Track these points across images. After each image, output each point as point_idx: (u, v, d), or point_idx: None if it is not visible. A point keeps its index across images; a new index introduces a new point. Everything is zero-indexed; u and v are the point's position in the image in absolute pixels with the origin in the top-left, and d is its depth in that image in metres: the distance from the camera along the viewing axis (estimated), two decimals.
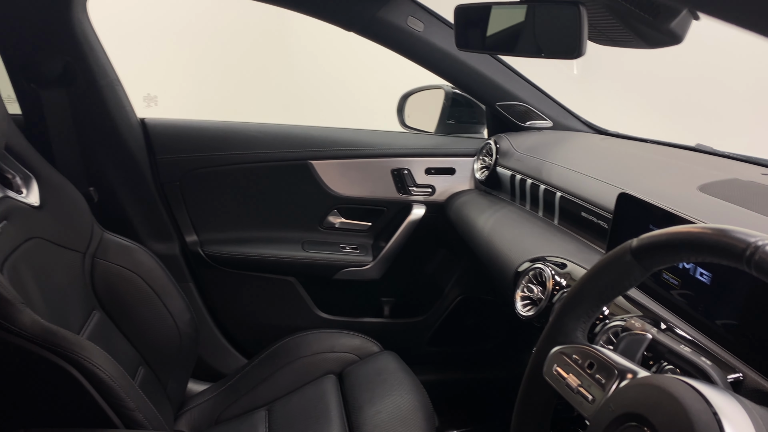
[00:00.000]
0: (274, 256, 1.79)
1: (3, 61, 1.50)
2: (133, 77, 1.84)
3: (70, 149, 1.59)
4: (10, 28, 1.48)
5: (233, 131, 1.80)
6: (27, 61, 1.52)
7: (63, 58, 1.52)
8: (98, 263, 1.45)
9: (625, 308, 0.88)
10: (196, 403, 1.57)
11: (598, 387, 0.62)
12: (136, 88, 1.93)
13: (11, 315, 1.04)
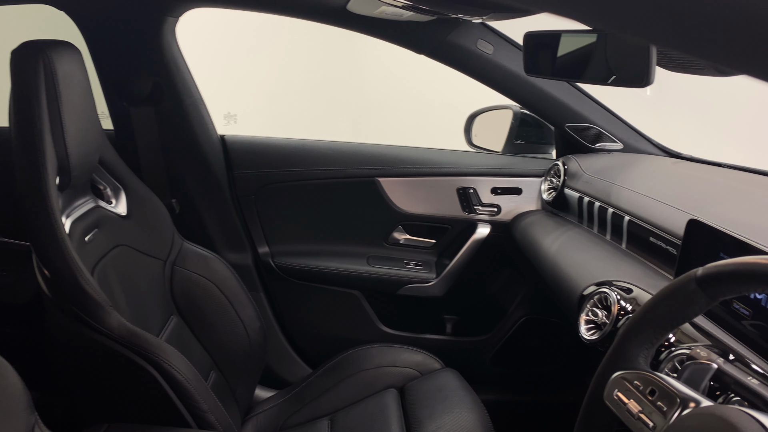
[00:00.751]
0: (341, 270, 1.84)
1: (99, 81, 1.63)
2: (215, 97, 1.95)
3: (156, 163, 1.70)
4: (106, 52, 1.60)
5: (305, 148, 1.87)
6: (120, 81, 1.64)
7: (152, 78, 1.63)
8: (177, 271, 1.54)
9: (693, 336, 0.87)
10: (262, 409, 1.63)
11: (659, 414, 0.62)
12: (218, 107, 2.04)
13: (100, 316, 1.12)
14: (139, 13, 1.55)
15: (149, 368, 1.12)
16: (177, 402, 1.13)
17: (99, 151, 1.36)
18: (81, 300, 1.11)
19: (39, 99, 1.13)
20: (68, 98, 1.19)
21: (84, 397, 1.27)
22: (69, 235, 1.17)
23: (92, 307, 1.12)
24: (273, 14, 1.58)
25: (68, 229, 1.20)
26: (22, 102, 1.14)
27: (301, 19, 1.56)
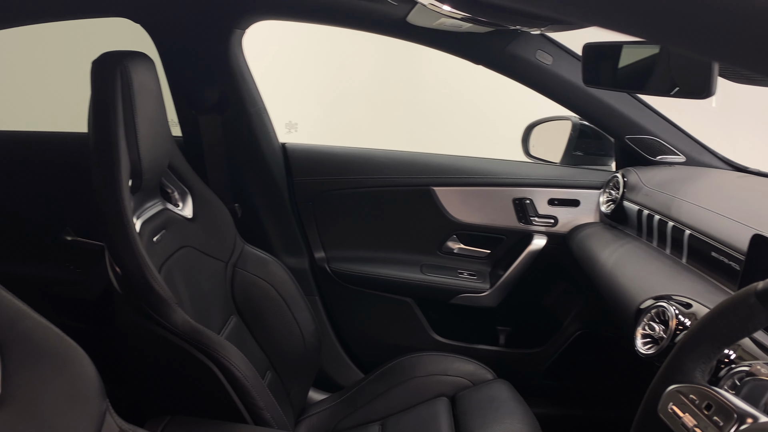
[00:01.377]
0: (394, 277, 1.86)
1: (170, 90, 1.71)
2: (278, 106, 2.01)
3: (221, 169, 1.77)
4: (177, 62, 1.68)
5: (362, 157, 1.91)
6: (189, 91, 1.72)
7: (219, 88, 1.70)
8: (238, 272, 1.59)
9: (754, 354, 0.85)
10: (315, 410, 1.66)
11: (715, 429, 0.62)
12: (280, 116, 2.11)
13: (166, 313, 1.18)
14: (209, 26, 1.62)
15: (210, 364, 1.17)
16: (235, 398, 1.17)
17: (168, 156, 1.43)
18: (149, 297, 1.17)
19: (116, 107, 1.21)
20: (142, 106, 1.26)
21: (148, 389, 1.33)
22: (139, 235, 1.23)
23: (159, 304, 1.18)
24: (335, 27, 1.62)
25: (138, 229, 1.27)
26: (101, 109, 1.22)
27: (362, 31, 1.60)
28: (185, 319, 1.19)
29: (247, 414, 1.19)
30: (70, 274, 1.90)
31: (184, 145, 1.77)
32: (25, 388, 0.72)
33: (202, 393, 1.21)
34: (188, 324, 1.19)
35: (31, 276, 1.92)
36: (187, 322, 1.19)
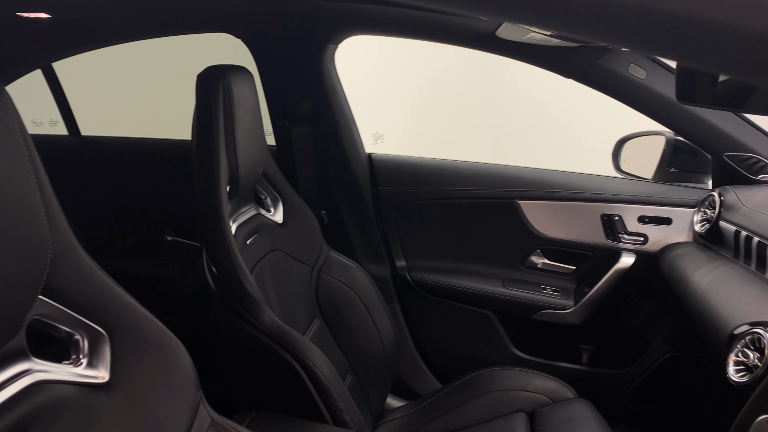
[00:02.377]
0: (475, 289, 1.86)
1: (266, 101, 1.80)
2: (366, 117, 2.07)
3: (310, 177, 1.85)
4: (274, 75, 1.77)
5: (446, 168, 1.93)
6: (284, 102, 1.80)
7: (312, 99, 1.78)
8: (323, 277, 1.65)
9: None
10: (392, 417, 1.69)
11: None
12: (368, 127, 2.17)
13: (256, 312, 1.25)
14: (304, 41, 1.70)
15: (294, 364, 1.22)
16: (317, 398, 1.22)
17: (263, 164, 1.51)
18: (241, 296, 1.24)
19: (217, 117, 1.29)
20: (241, 117, 1.34)
21: (237, 384, 1.40)
22: (234, 237, 1.31)
23: (250, 303, 1.24)
24: (425, 41, 1.66)
25: (234, 232, 1.35)
26: (203, 119, 1.30)
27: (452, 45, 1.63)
28: (273, 319, 1.25)
29: (328, 414, 1.23)
30: (169, 272, 2.03)
31: (277, 154, 1.86)
32: (131, 374, 0.79)
33: (286, 391, 1.27)
34: (276, 324, 1.25)
35: (135, 272, 2.07)
36: (275, 321, 1.25)
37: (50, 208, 0.68)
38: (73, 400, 0.72)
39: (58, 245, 0.70)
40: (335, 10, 1.60)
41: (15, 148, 0.60)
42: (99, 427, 0.73)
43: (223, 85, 1.30)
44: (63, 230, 0.71)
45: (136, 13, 1.68)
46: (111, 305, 0.77)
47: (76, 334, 0.75)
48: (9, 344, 0.66)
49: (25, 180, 0.61)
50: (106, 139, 2.21)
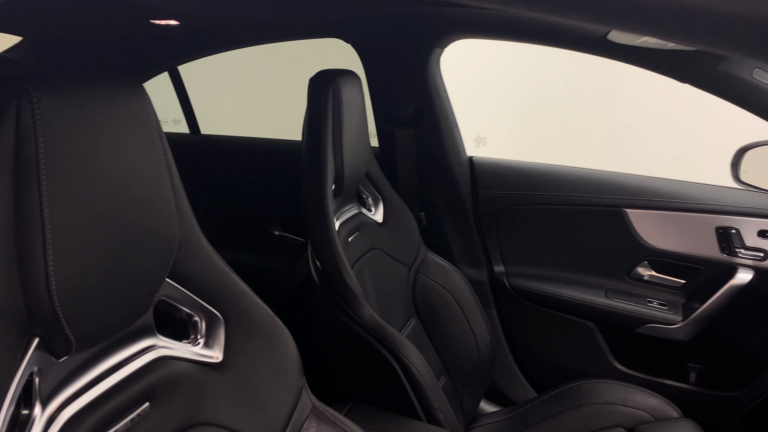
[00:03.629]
0: (576, 299, 1.82)
1: (371, 104, 1.85)
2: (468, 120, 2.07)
3: (411, 179, 1.87)
4: (380, 79, 1.82)
5: (549, 173, 1.89)
6: (388, 105, 1.85)
7: (415, 103, 1.81)
8: (420, 277, 1.67)
9: None
10: (485, 421, 1.68)
11: None
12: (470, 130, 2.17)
13: (356, 306, 1.29)
14: (411, 45, 1.73)
15: (390, 359, 1.25)
16: (411, 395, 1.24)
17: (366, 165, 1.56)
18: (342, 290, 1.29)
19: (326, 118, 1.35)
20: (348, 119, 1.39)
21: (335, 375, 1.46)
22: (337, 233, 1.36)
23: (350, 298, 1.29)
24: (533, 44, 1.64)
25: (337, 228, 1.40)
26: (314, 120, 1.37)
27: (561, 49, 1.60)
28: (372, 314, 1.29)
29: (422, 411, 1.25)
30: (275, 265, 2.13)
31: (379, 156, 1.90)
32: (242, 357, 0.84)
33: (382, 385, 1.30)
34: (374, 319, 1.29)
35: (244, 264, 2.19)
36: (373, 317, 1.29)
37: (179, 199, 0.74)
38: (191, 376, 0.78)
39: (184, 233, 0.76)
40: (443, 15, 1.62)
41: (152, 143, 0.67)
42: (212, 403, 0.80)
43: (333, 88, 1.35)
44: (189, 220, 0.78)
45: (255, 21, 1.79)
46: (227, 291, 0.83)
47: (196, 316, 0.82)
48: (139, 321, 0.73)
49: (159, 172, 0.68)
50: (223, 138, 2.35)
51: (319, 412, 0.89)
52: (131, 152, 0.63)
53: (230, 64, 3.25)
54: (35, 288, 0.55)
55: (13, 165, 0.53)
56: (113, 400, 0.67)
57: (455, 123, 1.87)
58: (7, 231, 0.54)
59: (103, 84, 0.61)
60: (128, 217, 0.63)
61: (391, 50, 1.76)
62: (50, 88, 0.56)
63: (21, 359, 0.57)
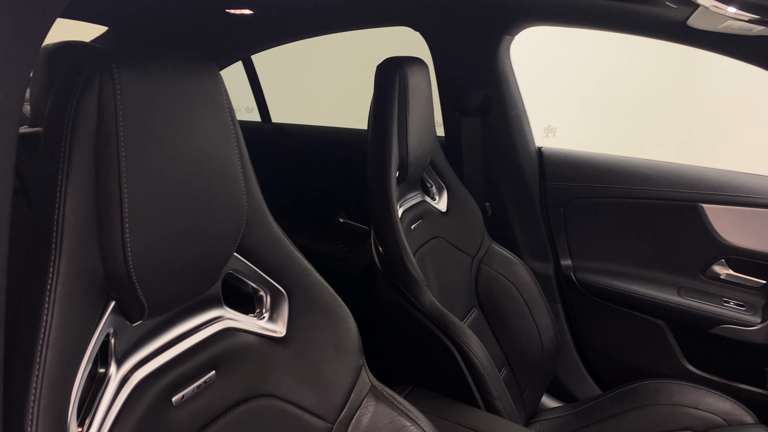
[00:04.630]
0: (647, 296, 1.75)
1: (438, 92, 1.84)
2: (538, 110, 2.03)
3: (476, 168, 1.86)
4: (448, 67, 1.81)
5: (622, 165, 1.83)
6: (456, 94, 1.83)
7: (484, 91, 1.79)
8: (483, 268, 1.66)
9: None
10: (547, 416, 1.65)
11: None
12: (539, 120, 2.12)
13: (417, 293, 1.30)
14: (481, 33, 1.71)
15: (451, 347, 1.25)
16: (471, 383, 1.24)
17: (431, 153, 1.55)
18: (403, 276, 1.30)
19: (392, 105, 1.36)
20: (414, 106, 1.39)
21: (396, 360, 1.47)
22: (400, 220, 1.37)
23: (411, 283, 1.30)
24: (609, 32, 1.59)
25: (400, 215, 1.41)
26: (380, 107, 1.38)
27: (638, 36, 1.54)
28: (432, 301, 1.29)
29: (481, 400, 1.24)
30: (339, 251, 2.17)
31: (445, 145, 1.90)
32: (304, 332, 0.87)
33: (441, 372, 1.30)
34: (435, 306, 1.29)
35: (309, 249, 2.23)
36: (434, 304, 1.29)
37: (247, 176, 0.77)
38: (255, 348, 0.81)
39: (252, 210, 0.79)
40: (514, 2, 1.59)
41: (224, 120, 0.69)
42: (275, 375, 0.82)
43: (400, 75, 1.36)
44: (256, 197, 0.80)
45: (327, 10, 1.82)
46: (291, 268, 0.86)
47: (261, 291, 0.84)
48: (208, 292, 0.76)
49: (230, 149, 0.70)
50: (293, 126, 2.41)
51: (377, 391, 0.90)
52: (204, 128, 0.66)
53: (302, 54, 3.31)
54: (112, 254, 0.58)
55: (95, 136, 0.57)
56: (182, 366, 0.70)
57: (524, 112, 1.84)
58: (88, 198, 0.57)
59: (179, 62, 0.64)
60: (200, 190, 0.65)
61: (460, 38, 1.75)
62: (130, 65, 0.59)
63: (98, 320, 0.60)
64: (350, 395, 0.87)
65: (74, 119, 0.56)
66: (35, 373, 0.51)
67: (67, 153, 0.56)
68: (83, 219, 0.57)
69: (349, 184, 2.19)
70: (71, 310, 0.55)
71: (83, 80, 0.57)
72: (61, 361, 0.53)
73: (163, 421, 0.66)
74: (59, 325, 0.53)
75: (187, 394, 0.70)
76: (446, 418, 1.11)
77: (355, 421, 0.87)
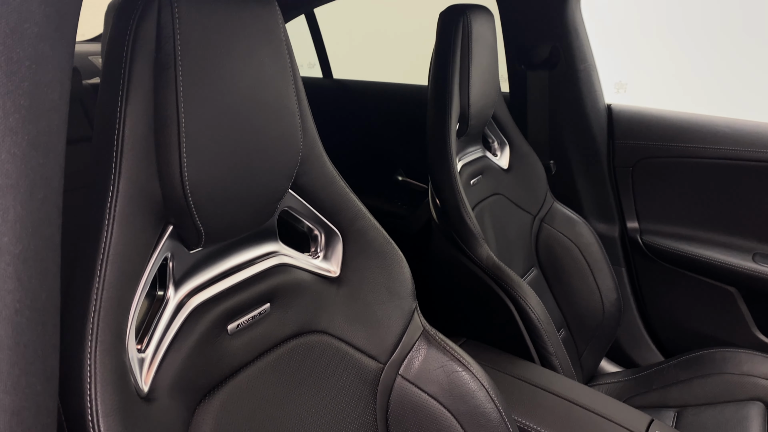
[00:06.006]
0: (718, 262, 1.67)
1: (504, 45, 1.78)
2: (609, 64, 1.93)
3: (541, 125, 1.80)
4: (515, 18, 1.74)
5: (698, 124, 1.73)
6: (522, 46, 1.77)
7: (551, 44, 1.71)
8: (544, 227, 1.62)
9: None
10: (605, 381, 1.62)
11: None
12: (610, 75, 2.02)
13: (473, 246, 1.28)
14: None
15: (507, 301, 1.23)
16: (527, 338, 1.22)
17: (494, 106, 1.51)
18: (460, 229, 1.28)
19: (455, 53, 1.32)
20: (477, 56, 1.35)
21: (449, 314, 1.46)
22: (459, 174, 1.34)
23: (468, 237, 1.28)
24: None
25: (459, 169, 1.38)
26: (441, 55, 1.34)
27: None
28: (489, 254, 1.27)
29: (536, 355, 1.22)
30: (398, 209, 2.16)
31: (509, 100, 1.84)
32: (358, 273, 0.87)
33: (497, 326, 1.29)
34: (492, 260, 1.27)
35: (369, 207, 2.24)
36: (491, 258, 1.27)
37: (303, 114, 0.76)
38: (309, 286, 0.81)
39: (307, 148, 0.78)
40: None
41: (280, 54, 0.69)
42: (328, 313, 0.83)
43: (463, 22, 1.32)
44: (312, 136, 0.80)
45: None
46: (346, 209, 0.85)
47: (316, 230, 0.85)
48: (264, 226, 0.77)
49: (286, 83, 0.70)
50: (354, 82, 2.39)
51: (429, 335, 0.89)
52: (261, 60, 0.66)
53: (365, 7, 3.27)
54: (170, 177, 0.59)
55: (155, 57, 0.57)
56: (237, 296, 0.71)
57: (594, 66, 1.76)
58: (147, 120, 0.58)
59: None
60: (256, 121, 0.65)
61: None
62: None
63: (157, 243, 0.62)
64: (402, 337, 0.87)
65: (134, 41, 0.56)
66: (95, 286, 0.53)
67: (126, 74, 0.56)
68: (142, 140, 0.58)
69: (409, 142, 2.17)
70: (130, 229, 0.56)
71: (143, 3, 0.57)
72: (120, 276, 0.55)
73: (218, 347, 0.68)
74: (118, 241, 0.55)
75: (242, 323, 0.71)
76: (500, 370, 1.10)
77: (406, 363, 0.87)
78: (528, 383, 1.07)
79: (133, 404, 0.54)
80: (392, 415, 0.85)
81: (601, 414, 1.00)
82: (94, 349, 0.51)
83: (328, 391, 0.80)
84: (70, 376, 0.50)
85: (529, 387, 1.06)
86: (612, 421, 0.99)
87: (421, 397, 0.85)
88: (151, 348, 0.61)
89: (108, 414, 0.50)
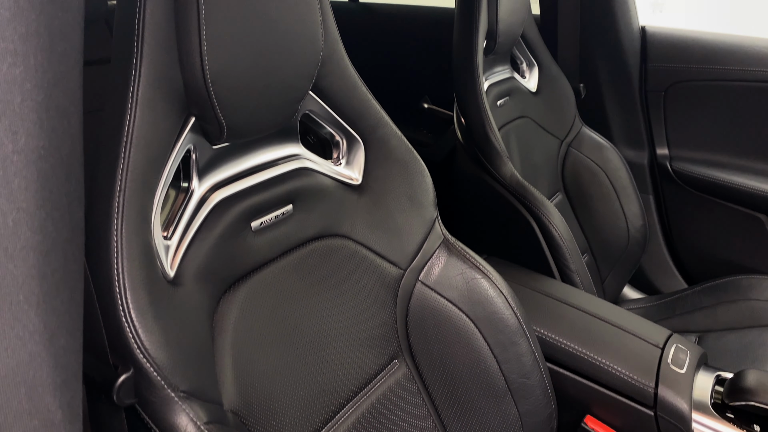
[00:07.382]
0: (749, 188, 1.63)
1: None
2: None
3: (572, 46, 1.74)
4: None
5: (737, 46, 1.65)
6: None
7: None
8: (571, 152, 1.59)
9: None
10: (628, 307, 1.62)
11: None
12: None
13: (497, 165, 1.27)
14: None
15: (530, 219, 1.23)
16: (548, 255, 1.22)
17: (523, 25, 1.46)
18: (484, 147, 1.27)
19: None
20: None
21: (472, 230, 1.46)
22: (486, 93, 1.32)
23: (493, 155, 1.27)
24: None
25: (485, 88, 1.36)
26: None
27: None
28: (513, 173, 1.26)
29: (557, 272, 1.23)
30: (423, 137, 2.15)
31: (540, 22, 1.78)
32: (379, 181, 0.87)
33: (519, 244, 1.29)
34: (516, 178, 1.26)
35: None
36: (515, 176, 1.26)
37: (325, 15, 0.75)
38: (331, 191, 0.82)
39: (329, 50, 0.77)
40: None
41: None
42: (350, 219, 0.84)
43: None
44: (333, 38, 0.79)
45: None
46: (368, 116, 0.85)
47: (337, 136, 0.85)
48: (286, 128, 0.77)
49: None
50: (381, 5, 2.33)
51: (450, 244, 0.90)
52: None
53: None
54: (190, 64, 0.59)
55: None
56: (260, 195, 0.72)
57: None
58: (167, 6, 0.58)
59: None
60: (275, 15, 0.64)
61: None
62: None
63: (180, 133, 0.62)
64: (423, 245, 0.88)
65: None
66: (120, 167, 0.54)
67: None
68: (163, 27, 0.58)
69: (436, 68, 2.13)
70: (153, 114, 0.57)
71: None
72: (143, 159, 0.56)
73: (242, 242, 0.70)
74: (141, 125, 0.56)
75: (266, 222, 0.73)
76: (521, 284, 1.11)
77: (426, 270, 0.88)
78: (548, 296, 1.08)
79: (160, 285, 0.57)
80: (411, 319, 0.87)
81: (621, 326, 1.01)
82: (120, 226, 0.53)
83: (350, 292, 0.82)
84: (99, 249, 0.52)
85: (548, 299, 1.07)
86: (631, 334, 0.99)
87: (440, 302, 0.87)
88: (177, 236, 0.63)
89: (135, 288, 0.52)
